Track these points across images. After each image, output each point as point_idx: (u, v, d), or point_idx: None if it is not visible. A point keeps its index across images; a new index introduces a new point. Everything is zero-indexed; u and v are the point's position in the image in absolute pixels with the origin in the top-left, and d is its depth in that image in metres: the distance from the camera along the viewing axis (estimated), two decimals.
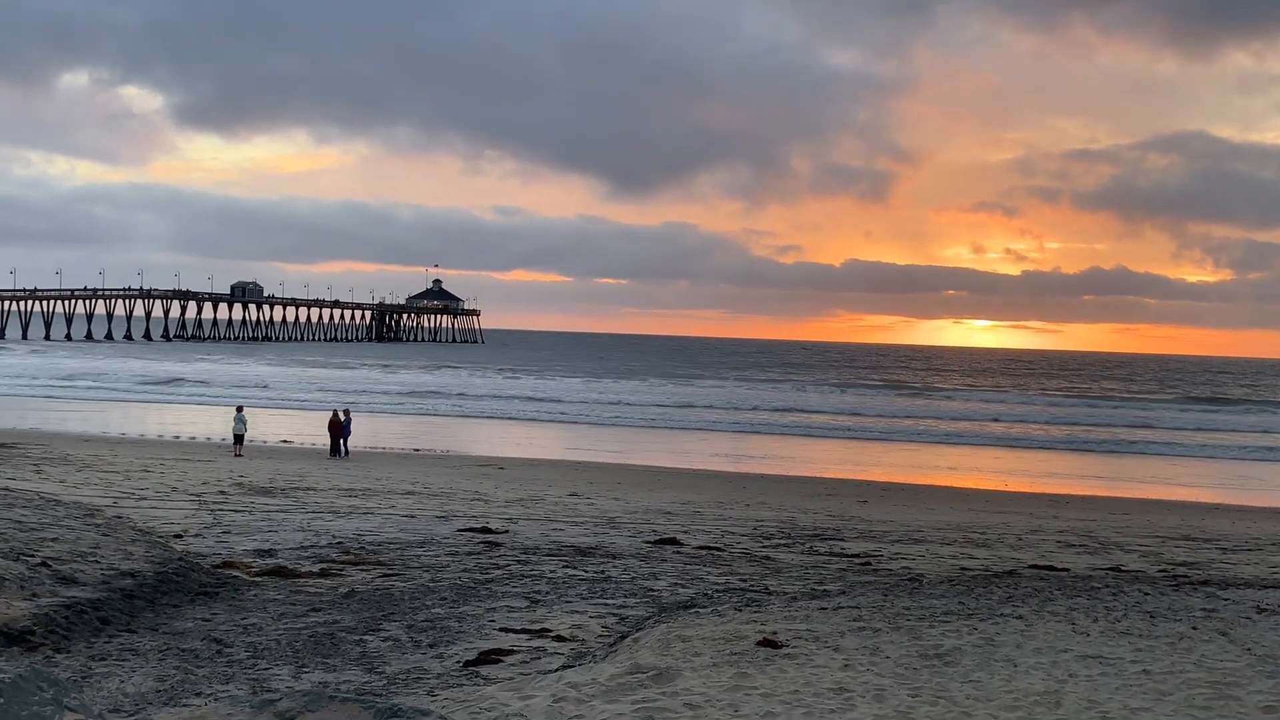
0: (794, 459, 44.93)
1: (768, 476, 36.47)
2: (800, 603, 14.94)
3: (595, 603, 14.69)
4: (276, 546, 18.27)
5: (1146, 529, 24.95)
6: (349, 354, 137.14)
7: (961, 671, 11.38)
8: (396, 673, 11.21)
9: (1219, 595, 15.86)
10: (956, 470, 42.86)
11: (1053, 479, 40.46)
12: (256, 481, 27.33)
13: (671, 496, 28.18)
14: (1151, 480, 41.18)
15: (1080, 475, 42.34)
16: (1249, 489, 38.94)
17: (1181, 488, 38.86)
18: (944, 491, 34.43)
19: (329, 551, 18.00)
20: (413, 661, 11.66)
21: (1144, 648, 12.58)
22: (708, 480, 33.99)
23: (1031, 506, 29.96)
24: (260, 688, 10.29)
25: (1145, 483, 40.34)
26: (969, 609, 14.60)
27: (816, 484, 34.55)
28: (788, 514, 25.55)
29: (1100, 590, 16.07)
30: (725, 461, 41.92)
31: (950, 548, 21.02)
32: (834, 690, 10.54)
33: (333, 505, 23.74)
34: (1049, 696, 10.52)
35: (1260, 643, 12.93)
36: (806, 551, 20.07)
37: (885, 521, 24.78)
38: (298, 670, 11.17)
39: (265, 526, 20.41)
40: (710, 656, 11.69)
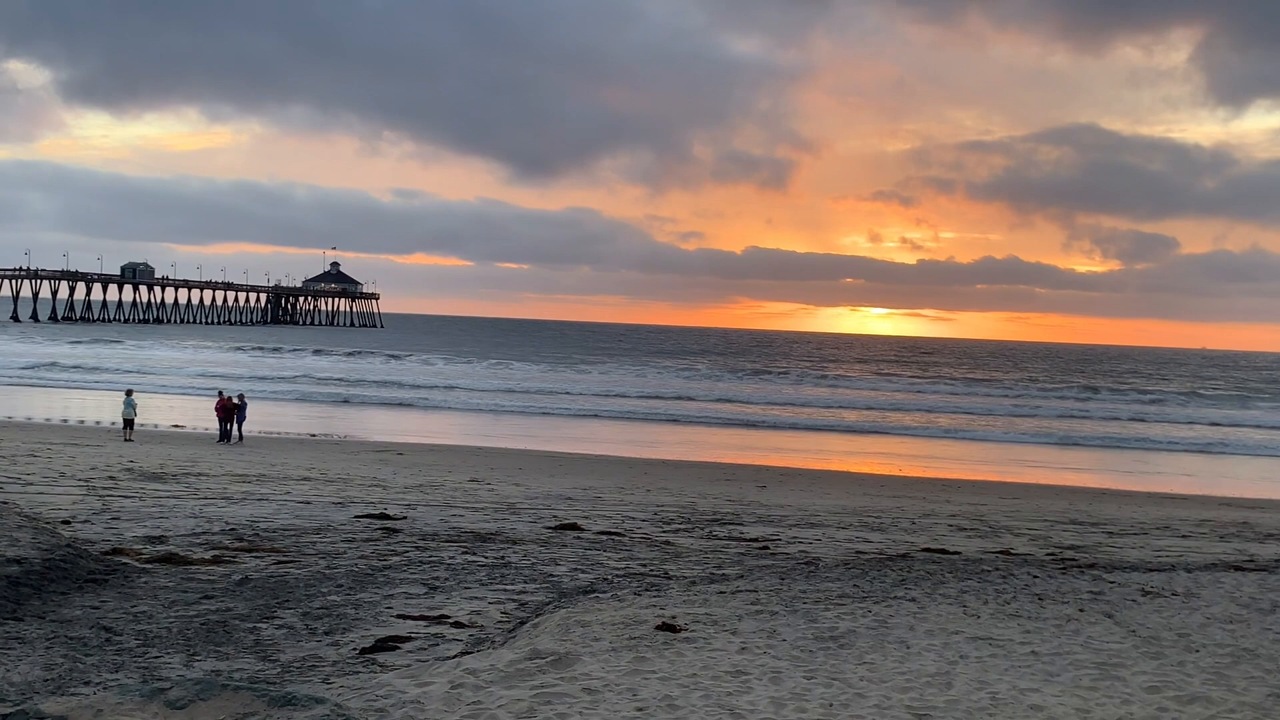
0: (695, 444, 45.20)
1: (668, 462, 36.64)
2: (699, 587, 15.04)
3: (495, 589, 14.65)
4: (168, 533, 17.93)
5: (1035, 513, 25.52)
6: (243, 337, 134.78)
7: (856, 653, 11.56)
8: (291, 660, 11.07)
9: (1105, 578, 16.29)
10: (853, 455, 43.48)
11: (945, 464, 41.20)
12: (147, 467, 26.78)
13: (573, 482, 28.17)
14: (1040, 465, 42.12)
15: (972, 460, 43.17)
16: (1134, 475, 40.01)
17: (1070, 473, 39.81)
18: (841, 476, 34.88)
19: (222, 538, 17.70)
20: (308, 649, 11.53)
21: (1032, 629, 12.89)
22: (609, 465, 34.05)
23: (925, 491, 30.48)
24: (151, 676, 10.10)
25: (1035, 467, 41.26)
26: (864, 592, 14.82)
27: (716, 469, 34.79)
28: (688, 499, 25.70)
29: (990, 573, 16.41)
30: (626, 447, 42.03)
31: (846, 531, 21.31)
32: (731, 673, 10.64)
33: (226, 491, 23.35)
34: (940, 677, 10.72)
35: (1144, 624, 13.32)
36: (706, 536, 20.20)
37: (783, 506, 25.04)
38: (189, 658, 10.99)
39: (156, 513, 20.01)
40: (609, 641, 11.72)
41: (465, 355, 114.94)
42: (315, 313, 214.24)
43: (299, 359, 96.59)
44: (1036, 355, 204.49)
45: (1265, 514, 27.47)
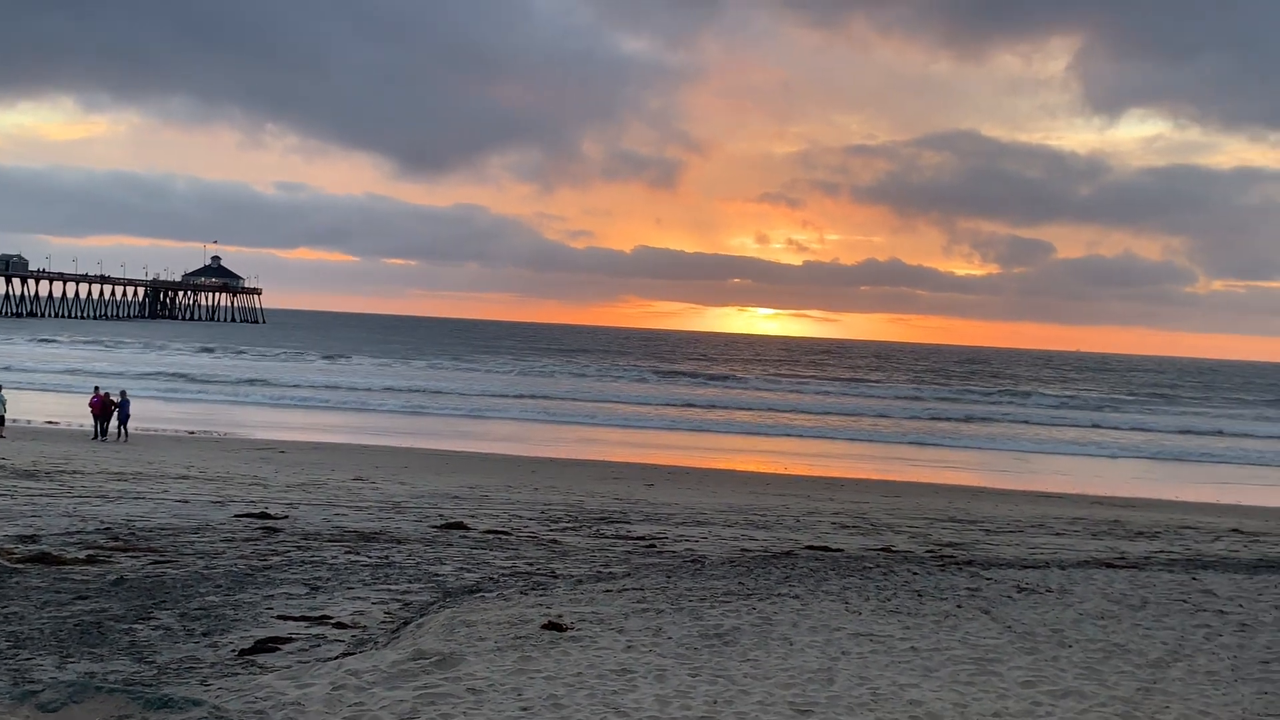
0: (583, 443, 45.20)
1: (556, 460, 36.59)
2: (586, 586, 15.04)
3: (378, 589, 14.48)
4: (40, 532, 17.40)
5: (916, 511, 25.99)
6: (121, 332, 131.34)
7: (740, 650, 11.65)
8: (168, 662, 10.82)
9: (982, 575, 16.65)
10: (740, 454, 43.85)
11: (830, 463, 41.77)
12: (19, 464, 25.96)
13: (459, 480, 27.98)
14: (921, 464, 42.91)
15: (855, 459, 43.83)
16: (1011, 474, 40.97)
17: (949, 471, 40.63)
18: (727, 475, 35.15)
19: (97, 537, 17.23)
20: (185, 650, 11.28)
21: (912, 625, 13.12)
22: (496, 464, 33.89)
23: (809, 490, 30.85)
24: (22, 679, 9.79)
25: (915, 466, 42.02)
26: (748, 589, 14.95)
27: (604, 468, 34.82)
28: (575, 498, 25.68)
29: (872, 570, 16.67)
30: (514, 445, 41.88)
31: (732, 529, 21.48)
32: (617, 671, 10.66)
33: (101, 490, 22.74)
34: (822, 674, 10.86)
35: (1020, 620, 13.64)
36: (593, 535, 20.21)
37: (670, 504, 25.15)
38: (62, 660, 10.67)
39: (28, 511, 19.41)
40: (495, 641, 11.66)
41: (350, 352, 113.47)
42: (195, 308, 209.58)
43: (178, 354, 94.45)
44: (918, 356, 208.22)
45: (1135, 512, 28.33)
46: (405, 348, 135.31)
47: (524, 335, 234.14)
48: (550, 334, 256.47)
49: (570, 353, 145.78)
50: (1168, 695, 10.61)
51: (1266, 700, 10.51)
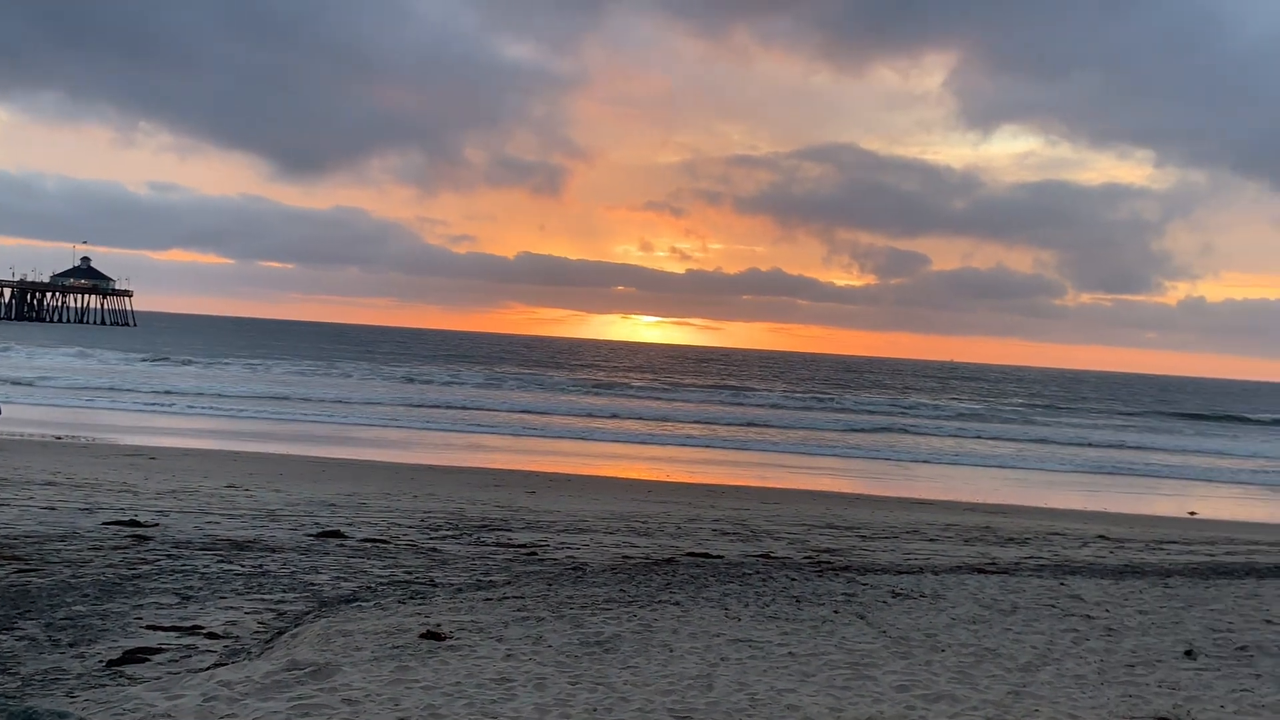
0: (464, 449, 44.85)
1: (437, 467, 36.25)
2: (466, 594, 14.93)
3: (252, 598, 14.20)
4: None
5: (794, 518, 26.28)
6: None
7: (620, 658, 11.67)
8: (32, 673, 10.47)
9: (858, 580, 16.91)
10: (623, 461, 43.94)
11: (711, 470, 42.05)
12: None
13: (336, 488, 27.56)
14: (800, 471, 43.44)
15: (736, 467, 44.20)
16: (887, 480, 41.69)
17: (827, 478, 41.20)
18: (610, 482, 35.18)
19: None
20: (50, 661, 10.92)
21: (790, 631, 13.28)
22: (374, 471, 33.46)
23: (690, 496, 31.02)
24: None
25: (795, 473, 42.52)
26: (629, 596, 14.99)
27: (486, 475, 34.60)
28: (456, 505, 25.46)
29: (751, 576, 16.83)
30: (394, 452, 41.40)
31: (614, 536, 21.49)
32: (496, 680, 10.60)
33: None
34: (702, 680, 10.93)
35: (894, 625, 13.88)
36: (474, 543, 20.06)
37: (552, 511, 25.08)
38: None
39: None
40: (372, 651, 11.53)
41: (224, 356, 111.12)
42: (64, 309, 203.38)
43: (44, 357, 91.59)
44: (799, 365, 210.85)
45: (1006, 519, 29.00)
46: (282, 352, 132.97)
47: (405, 340, 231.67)
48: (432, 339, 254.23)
49: (452, 359, 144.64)
50: (1037, 698, 10.88)
51: (1131, 703, 10.84)
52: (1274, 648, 13.55)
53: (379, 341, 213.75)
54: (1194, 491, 44.19)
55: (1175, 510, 36.43)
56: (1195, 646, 13.45)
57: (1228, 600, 16.68)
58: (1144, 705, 10.75)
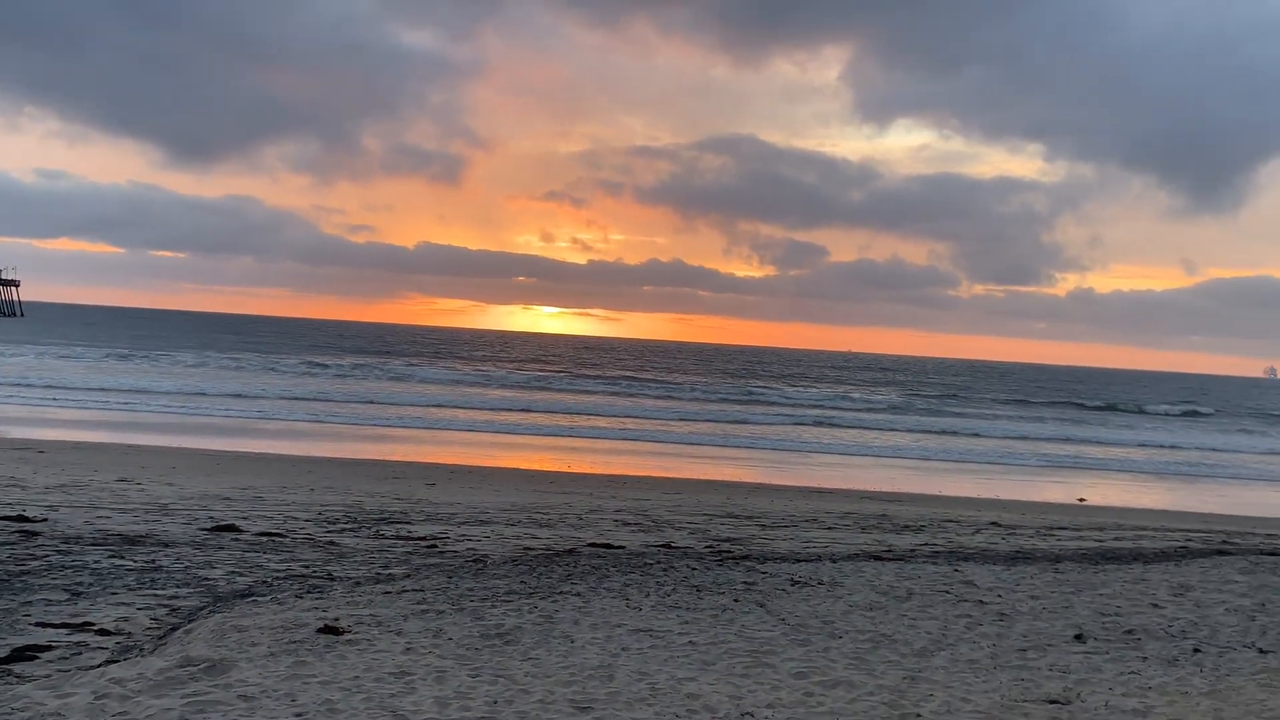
0: (362, 441, 44.37)
1: (334, 460, 35.82)
2: (364, 588, 14.79)
3: (144, 594, 13.92)
4: None
5: (695, 507, 26.43)
6: None
7: (521, 650, 11.65)
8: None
9: (758, 569, 17.06)
10: (524, 451, 43.80)
11: (613, 460, 42.12)
12: None
13: (231, 481, 27.10)
14: (702, 461, 43.69)
15: (638, 456, 44.31)
16: (786, 469, 42.09)
17: (728, 468, 41.50)
18: (511, 473, 35.06)
19: None
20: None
21: (691, 620, 13.35)
22: (270, 464, 32.95)
23: (592, 487, 31.04)
24: None
25: (696, 463, 42.76)
26: (530, 588, 14.97)
27: (385, 467, 34.27)
28: (354, 498, 25.20)
29: (652, 566, 16.89)
30: (289, 444, 40.79)
31: (515, 528, 21.43)
32: (395, 674, 10.52)
33: None
34: (603, 670, 10.95)
35: (793, 613, 14.04)
36: (372, 535, 19.87)
37: (453, 503, 24.93)
38: None
39: None
40: (268, 646, 11.37)
41: (114, 346, 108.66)
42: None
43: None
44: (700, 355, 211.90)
45: (902, 506, 29.46)
46: (174, 343, 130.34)
47: (301, 331, 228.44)
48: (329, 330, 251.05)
49: (349, 350, 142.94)
50: (931, 683, 11.07)
51: (1023, 686, 11.08)
52: (1160, 631, 13.94)
53: (274, 333, 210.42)
54: (1083, 479, 45.29)
55: (1065, 497, 37.31)
56: (1085, 630, 13.79)
57: (1116, 585, 17.12)
58: (1035, 689, 10.99)
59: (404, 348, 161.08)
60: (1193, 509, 35.51)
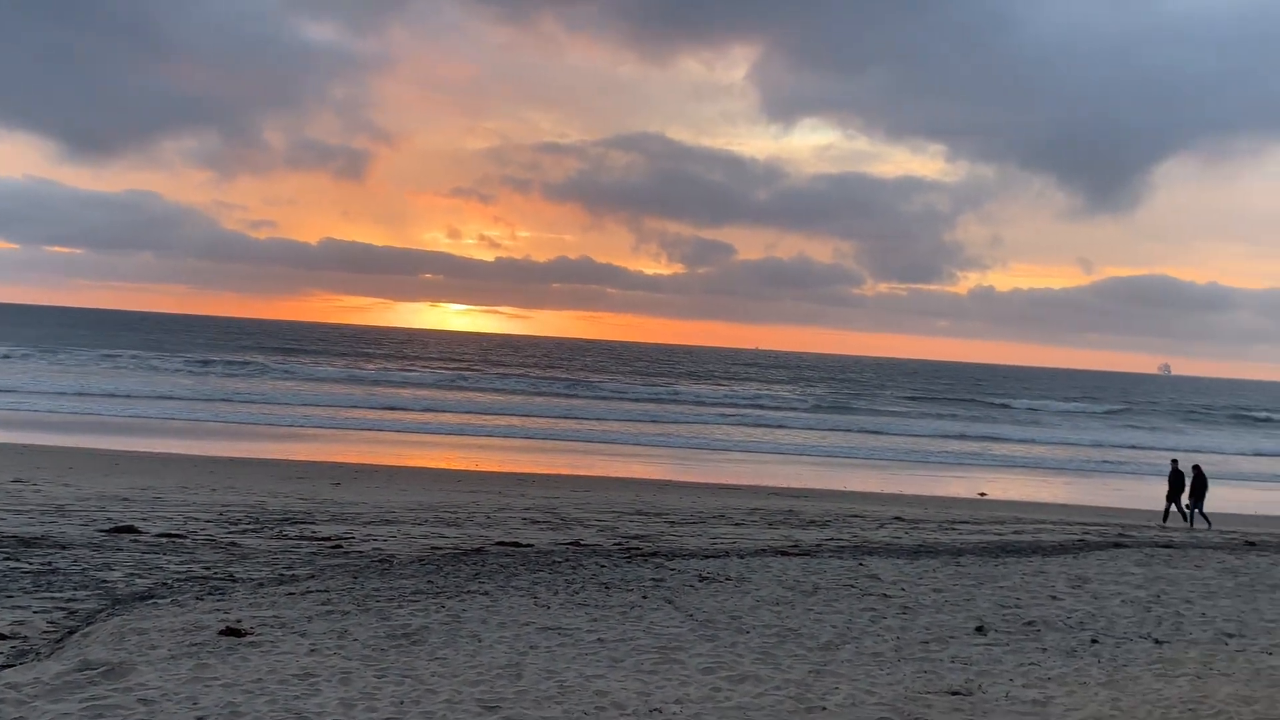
0: (264, 441, 43.69)
1: (236, 460, 35.26)
2: (267, 589, 14.60)
3: (40, 597, 13.59)
4: None
5: (604, 505, 26.45)
6: None
7: (428, 649, 11.57)
8: None
9: (666, 566, 17.12)
10: (431, 450, 43.47)
11: (521, 458, 41.99)
12: None
13: (129, 482, 26.56)
14: (610, 458, 43.73)
15: (547, 454, 44.22)
16: (694, 466, 42.29)
17: (637, 464, 41.59)
18: (418, 472, 34.79)
19: None
20: None
21: (599, 617, 13.36)
22: (169, 464, 32.35)
23: (500, 485, 30.92)
24: None
25: (605, 459, 42.79)
26: (437, 587, 14.88)
27: (288, 467, 33.81)
28: (257, 498, 24.83)
29: (561, 564, 16.88)
30: (190, 444, 40.06)
31: (422, 528, 21.28)
32: (299, 676, 10.39)
33: None
34: (511, 669, 10.92)
35: (701, 608, 14.11)
36: (276, 536, 19.60)
37: (358, 503, 24.68)
38: None
39: None
40: (169, 649, 11.17)
41: (8, 344, 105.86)
42: None
43: None
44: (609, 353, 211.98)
45: (808, 502, 29.76)
46: (71, 341, 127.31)
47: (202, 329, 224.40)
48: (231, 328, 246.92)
49: (251, 348, 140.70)
50: (837, 676, 11.20)
51: (926, 678, 11.25)
52: (1059, 622, 14.24)
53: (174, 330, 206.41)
54: (984, 474, 46.13)
55: (967, 492, 37.97)
56: (986, 622, 14.04)
57: (1016, 577, 17.46)
58: (938, 680, 11.17)
59: (308, 346, 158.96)
60: (1090, 503, 36.35)
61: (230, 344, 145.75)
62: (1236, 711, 9.99)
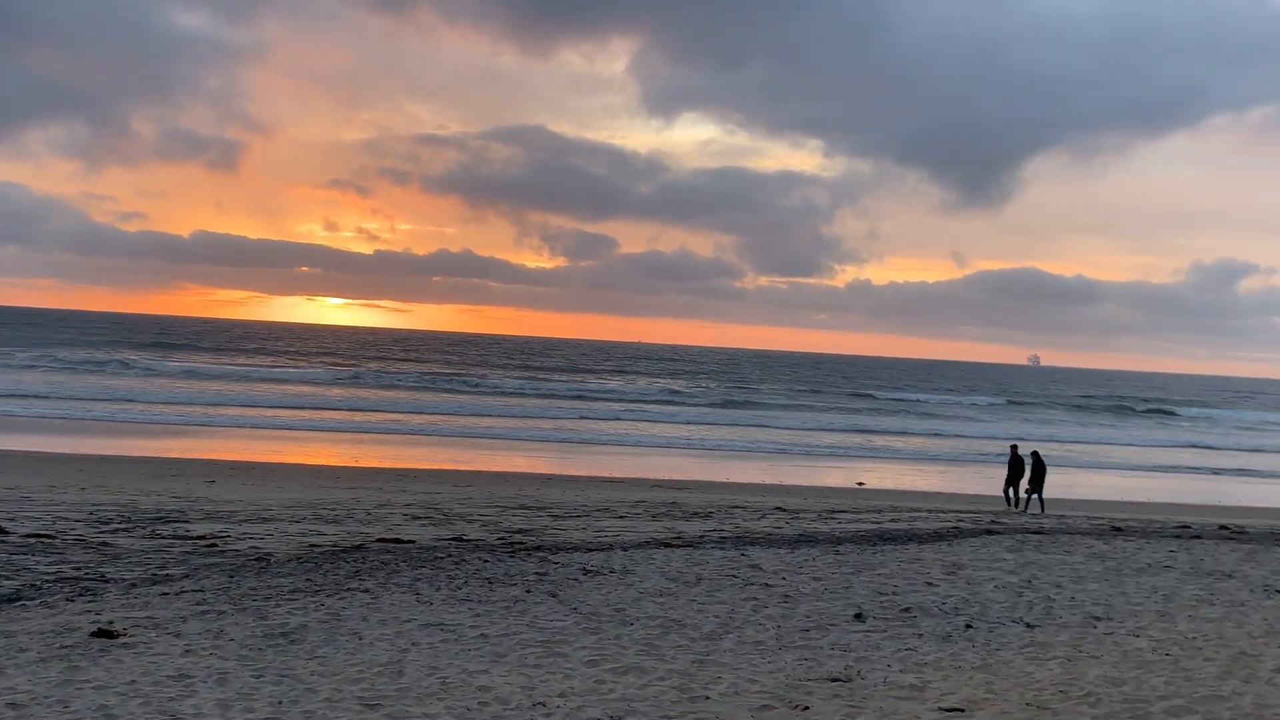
0: (137, 438, 42.61)
1: (107, 458, 34.33)
2: (140, 589, 14.27)
3: None
4: None
5: (487, 500, 26.34)
6: None
7: (307, 648, 11.42)
8: None
9: (550, 559, 17.12)
10: (310, 446, 42.82)
11: (402, 454, 41.58)
12: None
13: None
14: (493, 453, 43.54)
15: (428, 448, 43.86)
16: (578, 459, 42.31)
17: (520, 458, 41.48)
18: (296, 469, 34.25)
19: None
20: None
21: (483, 613, 13.31)
22: (38, 463, 31.40)
23: (381, 481, 30.60)
24: None
25: (489, 454, 42.59)
26: (316, 585, 14.68)
27: (161, 465, 33.04)
28: (129, 497, 24.22)
29: (444, 560, 16.76)
30: (58, 442, 38.90)
31: (300, 525, 20.96)
32: (174, 677, 10.18)
33: None
34: (392, 666, 10.82)
35: (585, 602, 14.14)
36: (149, 535, 19.14)
37: (233, 501, 24.22)
38: None
39: None
40: (38, 651, 10.87)
41: None
42: None
43: None
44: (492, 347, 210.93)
45: (691, 494, 29.99)
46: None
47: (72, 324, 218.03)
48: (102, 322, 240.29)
49: (123, 343, 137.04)
50: (720, 665, 11.31)
51: (807, 666, 11.42)
52: (934, 608, 14.56)
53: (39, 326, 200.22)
54: (862, 464, 46.91)
55: (845, 481, 38.60)
56: (864, 609, 14.29)
57: (893, 565, 17.80)
58: (818, 667, 11.34)
59: (181, 341, 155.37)
60: (963, 491, 37.19)
61: (100, 339, 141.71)
62: (1105, 693, 10.31)
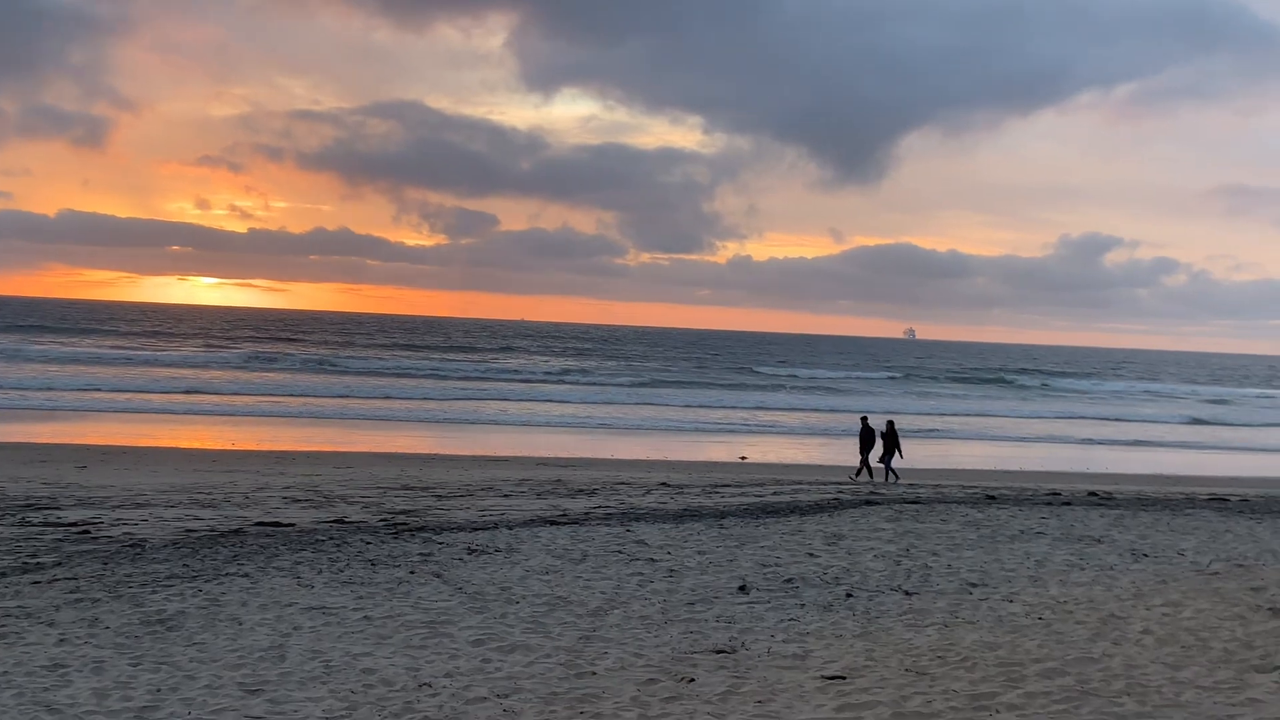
0: (3, 422, 41.27)
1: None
2: (10, 578, 13.86)
3: None
4: None
5: (369, 481, 26.05)
6: None
7: (185, 635, 11.22)
8: None
9: (435, 540, 17.02)
10: (183, 429, 41.89)
11: (280, 436, 40.90)
12: None
13: None
14: (374, 433, 43.06)
15: (307, 429, 43.22)
16: (461, 439, 42.04)
17: (402, 439, 41.07)
18: (170, 453, 33.48)
19: None
20: None
21: (366, 595, 13.19)
22: None
23: (258, 465, 30.07)
24: None
25: (370, 433, 42.12)
26: (194, 571, 14.41)
27: (29, 449, 32.04)
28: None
29: (325, 543, 16.56)
30: None
31: (175, 510, 20.52)
32: (48, 667, 9.93)
33: None
34: (274, 651, 10.68)
35: (470, 581, 14.09)
36: (18, 523, 18.57)
37: (106, 487, 23.60)
38: None
39: None
40: None
41: None
42: None
43: None
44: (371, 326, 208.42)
45: (576, 471, 30.00)
46: None
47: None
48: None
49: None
50: (606, 641, 11.36)
51: (692, 639, 11.53)
52: (816, 579, 14.79)
53: None
54: (745, 439, 47.38)
55: (729, 456, 38.98)
56: (748, 582, 14.47)
57: (775, 537, 18.04)
58: (704, 640, 11.45)
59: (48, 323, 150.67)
60: (843, 463, 37.77)
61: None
62: (981, 657, 10.58)
